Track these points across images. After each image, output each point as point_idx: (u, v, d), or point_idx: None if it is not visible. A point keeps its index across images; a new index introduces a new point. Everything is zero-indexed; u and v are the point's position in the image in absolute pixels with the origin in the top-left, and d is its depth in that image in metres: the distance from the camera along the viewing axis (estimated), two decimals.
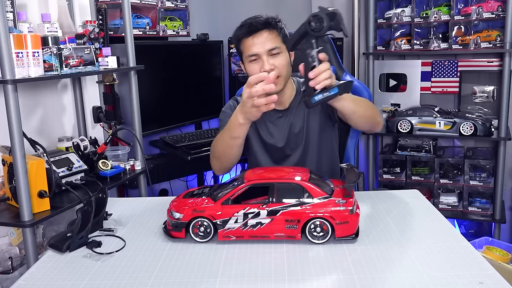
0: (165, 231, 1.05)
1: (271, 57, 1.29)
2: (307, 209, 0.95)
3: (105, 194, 1.10)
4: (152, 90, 2.17)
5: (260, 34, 1.28)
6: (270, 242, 0.98)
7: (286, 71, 1.33)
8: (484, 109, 2.49)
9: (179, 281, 0.85)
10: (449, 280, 0.81)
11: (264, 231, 0.97)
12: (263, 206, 0.96)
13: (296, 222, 0.95)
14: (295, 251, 0.94)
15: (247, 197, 1.00)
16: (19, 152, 1.27)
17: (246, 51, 1.31)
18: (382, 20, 2.56)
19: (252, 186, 0.98)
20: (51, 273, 0.90)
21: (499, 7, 2.25)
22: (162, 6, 2.24)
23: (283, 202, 0.96)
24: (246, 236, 0.98)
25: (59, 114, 1.83)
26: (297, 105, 1.42)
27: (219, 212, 0.97)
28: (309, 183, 0.98)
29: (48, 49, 1.39)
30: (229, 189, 1.00)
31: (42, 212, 1.34)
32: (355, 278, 0.83)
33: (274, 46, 1.28)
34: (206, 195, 1.03)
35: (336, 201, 0.95)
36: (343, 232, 0.95)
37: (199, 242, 0.99)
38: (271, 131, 1.43)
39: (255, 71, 1.30)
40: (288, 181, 0.99)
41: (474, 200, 2.48)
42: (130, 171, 1.76)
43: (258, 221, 0.96)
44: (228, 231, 0.97)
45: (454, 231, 1.03)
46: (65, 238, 1.00)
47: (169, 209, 1.03)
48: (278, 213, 0.96)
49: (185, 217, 0.99)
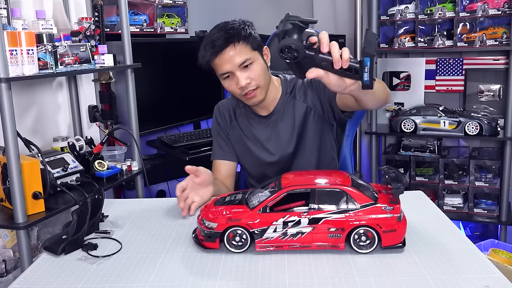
0: (196, 241, 0.98)
1: (244, 70, 1.25)
2: (352, 217, 0.89)
3: (101, 195, 1.09)
4: (149, 88, 2.16)
5: (225, 52, 1.23)
6: (275, 252, 0.93)
7: (264, 78, 1.28)
8: (490, 108, 2.47)
9: (177, 284, 0.83)
10: (454, 283, 0.80)
11: (305, 241, 0.91)
12: (304, 214, 0.90)
13: (340, 230, 0.90)
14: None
15: (280, 203, 0.94)
16: (13, 152, 1.26)
17: (218, 70, 1.27)
18: (385, 16, 2.54)
19: (291, 192, 0.92)
20: (45, 276, 0.89)
21: (505, 4, 2.23)
22: (160, 2, 2.23)
23: (325, 209, 0.90)
24: (286, 246, 0.92)
25: (54, 114, 1.82)
26: (284, 106, 1.37)
27: (257, 220, 0.92)
28: (353, 188, 0.91)
29: (42, 47, 1.38)
30: (266, 196, 0.94)
31: (36, 213, 1.33)
32: (357, 281, 0.82)
33: (243, 60, 1.24)
34: (239, 202, 0.97)
35: (383, 208, 0.90)
36: (390, 241, 0.90)
37: (234, 252, 0.94)
38: (257, 137, 1.40)
39: (232, 87, 1.28)
40: (331, 186, 0.92)
41: (480, 201, 2.46)
42: (127, 172, 1.75)
43: (298, 230, 0.90)
44: (266, 240, 0.92)
45: (459, 233, 1.01)
46: (60, 240, 0.99)
47: (201, 218, 0.97)
48: (320, 221, 0.90)
49: (219, 226, 0.93)
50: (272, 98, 1.37)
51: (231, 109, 1.45)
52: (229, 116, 1.45)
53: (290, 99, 1.37)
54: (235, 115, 1.44)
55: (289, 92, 1.38)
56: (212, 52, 1.24)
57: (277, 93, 1.38)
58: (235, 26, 1.25)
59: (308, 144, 1.38)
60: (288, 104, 1.37)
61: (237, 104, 1.43)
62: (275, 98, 1.37)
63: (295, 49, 0.86)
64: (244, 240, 0.93)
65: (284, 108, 1.37)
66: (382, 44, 2.58)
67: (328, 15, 2.79)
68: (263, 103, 1.34)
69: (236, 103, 1.44)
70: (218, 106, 1.48)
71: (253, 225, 0.92)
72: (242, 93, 1.27)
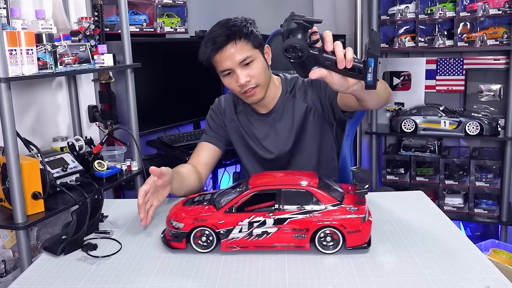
0: (164, 241, 0.99)
1: (244, 68, 1.24)
2: (316, 217, 0.90)
3: (101, 195, 1.08)
4: (149, 88, 2.15)
5: (226, 49, 1.23)
6: (276, 252, 0.93)
7: (264, 77, 1.28)
8: (490, 108, 2.47)
9: (177, 285, 0.83)
10: (454, 283, 0.80)
11: (270, 241, 0.92)
12: (269, 214, 0.91)
13: (305, 231, 0.90)
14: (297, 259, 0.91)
15: (251, 203, 0.95)
16: (12, 153, 1.26)
17: (218, 67, 1.27)
18: (386, 16, 2.53)
19: (257, 192, 0.93)
20: (45, 276, 0.88)
21: (506, 3, 2.22)
22: (160, 2, 2.22)
23: (290, 209, 0.91)
24: (251, 246, 0.92)
25: (53, 113, 1.82)
26: (283, 105, 1.37)
27: (222, 221, 0.92)
28: (318, 189, 0.92)
29: (42, 47, 1.37)
30: (233, 196, 0.94)
31: (36, 214, 1.32)
32: (357, 282, 0.81)
33: (244, 57, 1.23)
34: (207, 202, 0.98)
35: (348, 208, 0.90)
36: (355, 241, 0.90)
37: (200, 252, 0.94)
38: (255, 135, 1.40)
39: (231, 84, 1.28)
40: (296, 187, 0.93)
41: (480, 201, 2.46)
42: (126, 172, 1.74)
43: (264, 230, 0.91)
44: (232, 241, 0.92)
45: (460, 233, 1.01)
46: (59, 240, 0.99)
47: (168, 218, 0.98)
48: (285, 222, 0.90)
49: (185, 227, 0.94)
50: (272, 97, 1.36)
51: (231, 104, 1.44)
52: (229, 109, 1.44)
53: (290, 98, 1.37)
54: (236, 110, 1.43)
55: (289, 91, 1.38)
56: (212, 48, 1.24)
57: (277, 92, 1.37)
58: (237, 24, 1.24)
59: (307, 144, 1.37)
60: (287, 103, 1.37)
61: (238, 100, 1.43)
62: (275, 97, 1.37)
63: (300, 48, 0.86)
64: (210, 241, 0.93)
65: (283, 106, 1.37)
66: (382, 44, 2.57)
67: (328, 15, 2.79)
68: (263, 102, 1.34)
69: (237, 99, 1.43)
70: (220, 98, 1.48)
71: (219, 225, 0.92)
72: (241, 91, 1.27)
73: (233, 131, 1.43)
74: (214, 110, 1.46)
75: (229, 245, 0.93)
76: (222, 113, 1.44)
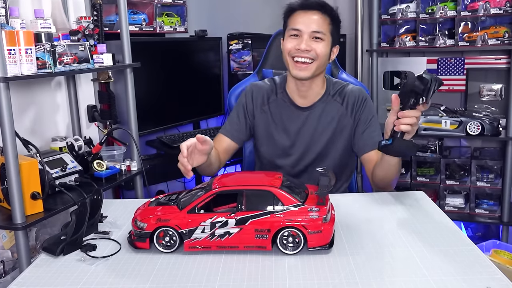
0: (129, 241, 1.00)
1: (312, 40, 1.26)
2: (278, 218, 0.90)
3: (100, 195, 1.09)
4: (148, 88, 2.15)
5: (311, 13, 1.26)
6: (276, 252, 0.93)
7: (322, 59, 1.29)
8: (491, 108, 2.45)
9: (177, 285, 0.83)
10: (455, 284, 0.80)
11: (232, 241, 0.92)
12: (231, 214, 0.91)
13: (266, 231, 0.90)
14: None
15: (219, 204, 0.96)
16: (11, 153, 1.25)
17: (291, 24, 1.28)
18: (386, 16, 2.53)
19: (219, 193, 0.94)
20: (44, 277, 0.89)
21: (507, 3, 2.21)
22: (159, 1, 2.22)
23: (252, 210, 0.91)
24: (214, 247, 0.93)
25: (52, 113, 1.82)
26: (325, 106, 1.37)
27: (185, 221, 0.93)
28: (280, 189, 0.93)
29: (41, 46, 1.37)
30: (196, 196, 0.95)
31: (35, 214, 1.32)
32: (358, 282, 0.81)
33: (319, 30, 1.26)
34: (173, 203, 0.99)
35: (309, 209, 0.90)
36: (316, 242, 0.91)
37: (164, 252, 0.95)
38: (286, 128, 1.39)
39: (290, 45, 1.28)
40: (258, 187, 0.93)
41: (481, 201, 2.45)
42: (126, 172, 1.74)
43: (226, 230, 0.91)
44: (194, 241, 0.93)
45: (461, 233, 1.01)
46: (58, 241, 0.99)
47: (134, 218, 0.99)
48: (247, 222, 0.91)
49: (149, 227, 0.94)
50: (316, 93, 1.37)
51: (265, 94, 1.43)
52: (261, 99, 1.43)
53: (333, 101, 1.38)
54: (268, 100, 1.42)
55: (332, 94, 1.38)
56: (301, 4, 1.27)
57: (322, 90, 1.38)
58: (333, 8, 1.29)
59: (335, 149, 1.38)
60: (329, 105, 1.37)
61: (274, 90, 1.42)
62: (318, 94, 1.38)
63: (413, 91, 1.05)
64: (174, 241, 0.94)
65: (324, 107, 1.37)
66: (383, 43, 2.57)
67: None
68: (305, 93, 1.34)
69: (272, 89, 1.42)
70: (252, 87, 1.46)
71: (181, 226, 0.93)
72: (295, 54, 1.27)
73: (261, 121, 1.42)
74: (247, 106, 1.44)
75: (192, 245, 0.93)
76: (254, 106, 1.43)
